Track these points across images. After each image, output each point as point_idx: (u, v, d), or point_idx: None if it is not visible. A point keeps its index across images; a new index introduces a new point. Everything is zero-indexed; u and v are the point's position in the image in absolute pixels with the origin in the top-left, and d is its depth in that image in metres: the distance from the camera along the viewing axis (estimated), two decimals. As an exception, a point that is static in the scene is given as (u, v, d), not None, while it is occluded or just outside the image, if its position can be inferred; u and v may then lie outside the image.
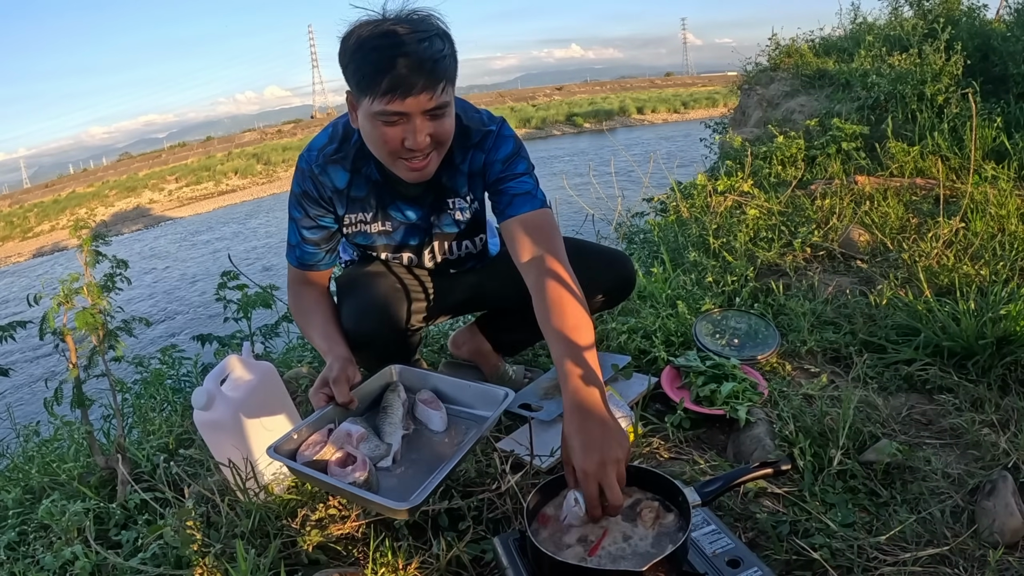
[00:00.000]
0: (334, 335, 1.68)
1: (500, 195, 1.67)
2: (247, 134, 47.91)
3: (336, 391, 1.50)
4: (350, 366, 1.58)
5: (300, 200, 1.70)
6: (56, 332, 1.94)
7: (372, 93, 1.40)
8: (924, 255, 2.85)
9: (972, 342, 2.06)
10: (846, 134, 4.79)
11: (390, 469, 1.46)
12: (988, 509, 1.43)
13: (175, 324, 12.12)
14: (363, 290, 1.79)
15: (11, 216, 31.73)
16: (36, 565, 1.66)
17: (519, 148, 1.71)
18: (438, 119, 1.47)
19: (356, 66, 1.42)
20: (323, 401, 1.52)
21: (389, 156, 1.51)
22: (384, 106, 1.40)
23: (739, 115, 7.60)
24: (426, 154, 1.50)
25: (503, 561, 1.28)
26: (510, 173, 1.67)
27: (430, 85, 1.40)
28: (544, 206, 1.67)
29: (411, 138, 1.45)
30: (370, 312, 1.75)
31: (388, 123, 1.44)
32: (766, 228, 3.46)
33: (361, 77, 1.42)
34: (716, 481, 1.28)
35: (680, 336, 2.38)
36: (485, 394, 1.63)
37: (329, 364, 1.57)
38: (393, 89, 1.38)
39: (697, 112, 38.87)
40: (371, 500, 1.28)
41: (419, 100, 1.40)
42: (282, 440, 1.42)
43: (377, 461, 1.44)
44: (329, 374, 1.53)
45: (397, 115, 1.42)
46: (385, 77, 1.37)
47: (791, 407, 1.87)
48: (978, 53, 5.32)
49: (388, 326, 1.78)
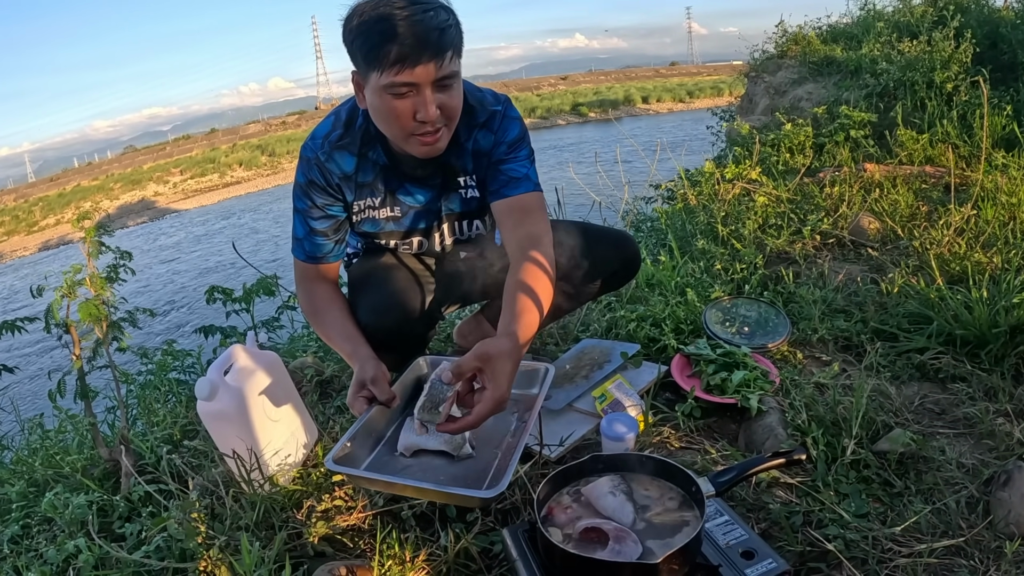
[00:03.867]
0: (355, 335, 1.66)
1: (497, 175, 1.66)
2: (251, 126, 47.96)
3: (376, 390, 1.49)
4: (381, 365, 1.56)
5: (307, 190, 1.68)
6: (60, 324, 1.93)
7: (380, 66, 1.39)
8: (935, 243, 2.81)
9: (985, 331, 2.03)
10: (854, 122, 4.75)
11: (472, 455, 1.46)
12: (1004, 500, 1.41)
13: (180, 316, 12.15)
14: (379, 283, 1.77)
15: (16, 210, 31.82)
16: (39, 558, 1.65)
17: (524, 132, 1.71)
18: (447, 90, 1.46)
19: (362, 41, 1.41)
20: (364, 405, 1.50)
21: (400, 131, 1.49)
22: (393, 77, 1.39)
23: (746, 103, 7.55)
24: (436, 128, 1.49)
25: (512, 553, 1.26)
26: (512, 156, 1.67)
27: (438, 54, 1.39)
28: (537, 189, 1.67)
29: (422, 110, 1.43)
30: (389, 306, 1.72)
31: (397, 95, 1.42)
32: (775, 216, 3.43)
33: (368, 51, 1.40)
34: (730, 471, 1.26)
35: (690, 324, 2.35)
36: (525, 373, 1.62)
37: (360, 366, 1.54)
38: (402, 59, 1.37)
39: (702, 101, 38.72)
40: (457, 493, 1.28)
41: (427, 69, 1.39)
42: (337, 448, 1.40)
43: (458, 450, 1.45)
44: (364, 376, 1.51)
45: (406, 86, 1.41)
46: (393, 48, 1.36)
47: (803, 396, 1.85)
48: (987, 41, 5.27)
49: (408, 319, 1.75)
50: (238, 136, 43.91)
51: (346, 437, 1.44)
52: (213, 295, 2.99)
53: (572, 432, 1.78)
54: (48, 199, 32.90)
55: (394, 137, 1.53)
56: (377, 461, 1.49)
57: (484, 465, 1.43)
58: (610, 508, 1.23)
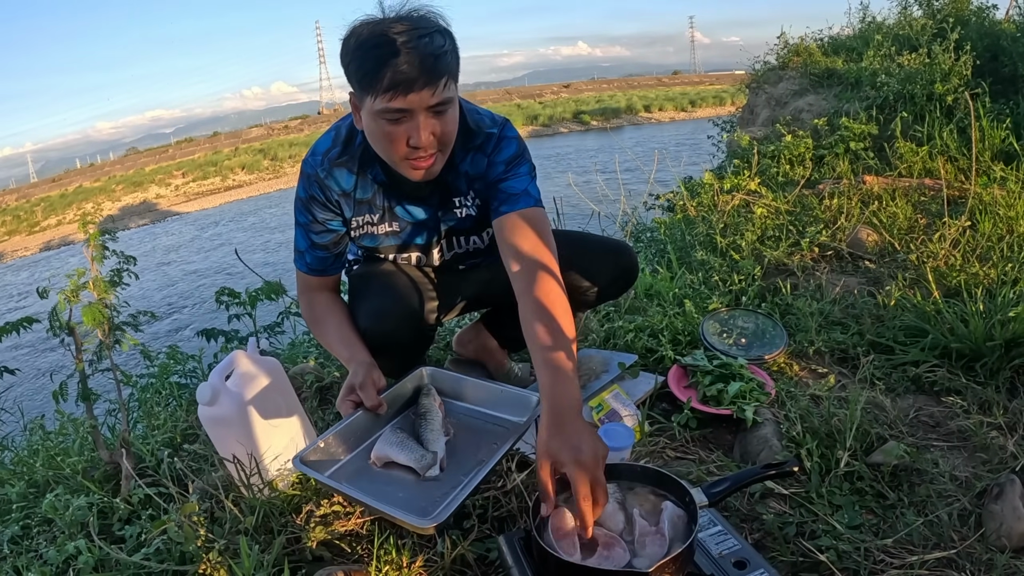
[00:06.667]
0: (354, 341, 1.67)
1: (497, 193, 1.67)
2: (254, 130, 47.96)
3: (364, 395, 1.50)
4: (375, 371, 1.57)
5: (307, 205, 1.69)
6: (64, 328, 1.94)
7: (374, 91, 1.40)
8: (932, 256, 2.83)
9: (980, 344, 2.05)
10: (854, 134, 4.77)
11: (439, 478, 1.43)
12: (996, 513, 1.42)
13: (181, 319, 12.15)
14: (379, 289, 1.78)
15: (18, 210, 31.86)
16: (39, 559, 1.66)
17: (522, 150, 1.70)
18: (441, 116, 1.46)
19: (357, 65, 1.41)
20: (351, 408, 1.52)
21: (394, 155, 1.50)
22: (387, 103, 1.40)
23: (747, 114, 7.56)
24: (430, 153, 1.49)
25: (508, 560, 1.27)
26: (511, 173, 1.67)
27: (432, 81, 1.39)
28: (538, 204, 1.67)
29: (415, 135, 1.44)
30: (389, 311, 1.73)
31: (391, 121, 1.43)
32: (773, 227, 3.44)
33: (363, 76, 1.41)
34: (724, 482, 1.27)
35: (687, 335, 2.37)
36: (517, 399, 1.63)
37: (353, 370, 1.56)
38: (395, 86, 1.37)
39: (704, 111, 38.80)
40: (395, 516, 1.26)
41: (421, 96, 1.40)
42: (308, 449, 1.42)
43: (426, 470, 1.43)
44: (355, 380, 1.53)
45: (400, 112, 1.41)
46: (386, 74, 1.37)
47: (798, 407, 1.86)
48: (987, 54, 5.28)
49: (407, 324, 1.76)
50: (241, 139, 43.94)
51: (320, 438, 1.46)
52: (222, 297, 3.01)
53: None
54: (50, 199, 32.94)
55: (388, 160, 1.54)
56: (346, 467, 1.48)
57: (447, 489, 1.37)
58: (602, 514, 1.24)
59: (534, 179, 1.71)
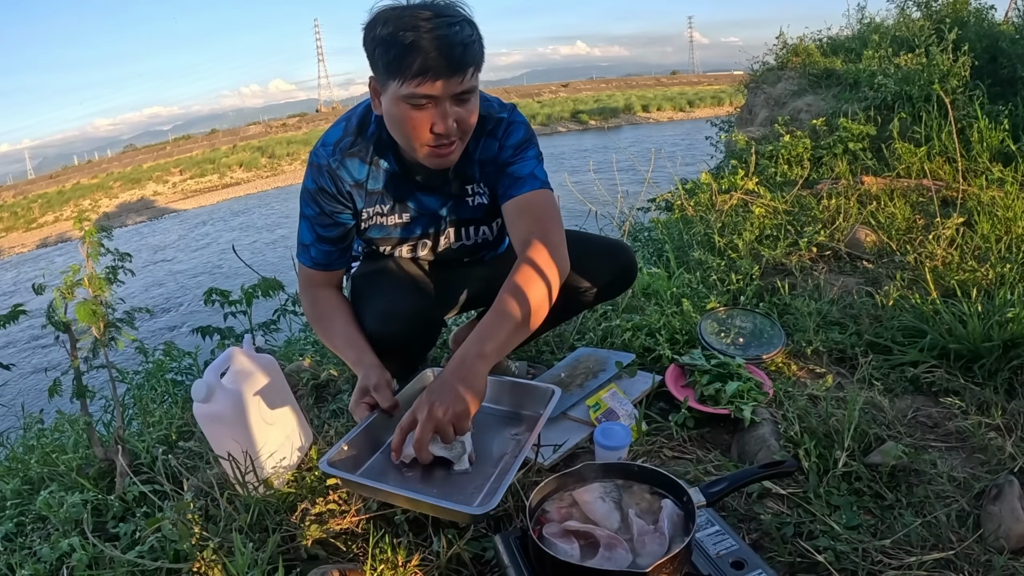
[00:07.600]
0: (360, 343, 1.67)
1: (503, 177, 1.67)
2: (252, 127, 47.90)
3: (379, 397, 1.51)
4: (385, 372, 1.58)
5: (315, 196, 1.67)
6: (61, 323, 1.93)
7: (402, 76, 1.39)
8: (930, 256, 2.83)
9: (978, 345, 2.05)
10: (853, 134, 4.77)
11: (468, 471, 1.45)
12: (994, 514, 1.42)
13: (177, 316, 12.13)
14: (384, 290, 1.77)
15: (15, 207, 31.80)
16: (33, 556, 1.65)
17: (531, 135, 1.70)
18: (465, 104, 1.46)
19: (384, 49, 1.40)
20: (366, 411, 1.53)
21: (415, 141, 1.49)
22: (414, 88, 1.39)
23: (745, 114, 7.56)
24: (451, 141, 1.49)
25: (504, 559, 1.27)
26: (519, 157, 1.67)
27: (460, 69, 1.40)
28: (545, 186, 1.67)
29: (439, 123, 1.44)
30: (396, 313, 1.71)
31: (416, 107, 1.43)
32: (771, 227, 3.44)
33: (390, 60, 1.40)
34: (721, 482, 1.27)
35: (685, 334, 2.36)
36: (531, 393, 1.64)
37: (364, 373, 1.57)
38: (424, 71, 1.37)
39: (703, 111, 38.84)
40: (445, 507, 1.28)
41: (449, 84, 1.40)
42: (333, 452, 1.42)
43: (458, 459, 1.45)
44: (368, 383, 1.54)
45: (426, 98, 1.41)
46: (416, 59, 1.36)
47: (796, 407, 1.86)
48: (986, 55, 5.28)
49: (414, 326, 1.75)
50: (238, 137, 43.89)
51: (343, 440, 1.45)
52: (211, 297, 3.00)
53: (566, 440, 1.79)
54: (47, 196, 32.87)
55: (407, 146, 1.53)
56: (373, 467, 1.49)
57: (481, 480, 1.43)
58: (598, 513, 1.23)
59: (541, 163, 1.70)
